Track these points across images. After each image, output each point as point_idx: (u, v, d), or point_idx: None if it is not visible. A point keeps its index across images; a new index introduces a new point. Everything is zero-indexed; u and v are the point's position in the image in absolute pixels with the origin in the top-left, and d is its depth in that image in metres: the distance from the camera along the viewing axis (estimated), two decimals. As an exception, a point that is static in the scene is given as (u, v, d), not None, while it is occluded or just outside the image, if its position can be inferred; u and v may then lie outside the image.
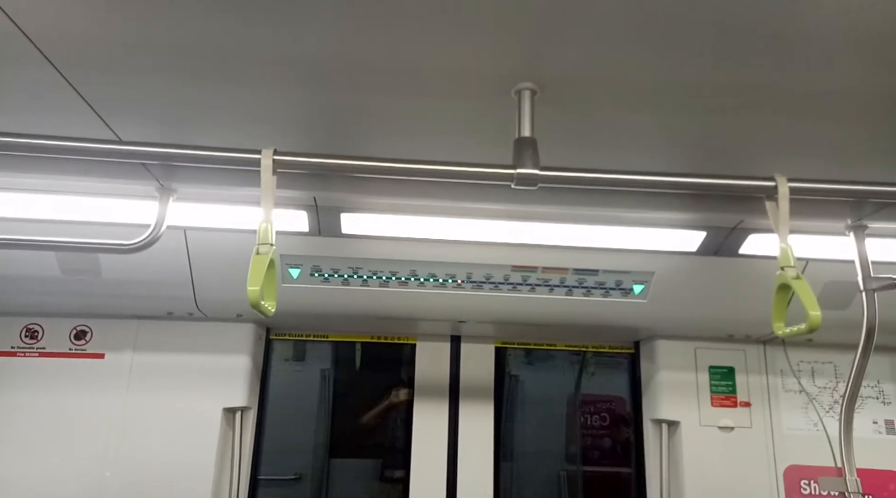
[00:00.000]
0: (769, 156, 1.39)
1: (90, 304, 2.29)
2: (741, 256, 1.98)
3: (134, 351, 2.37)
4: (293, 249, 1.98)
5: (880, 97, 1.15)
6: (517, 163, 1.17)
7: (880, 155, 1.38)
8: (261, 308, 1.12)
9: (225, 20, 0.98)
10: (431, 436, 2.53)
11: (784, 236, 1.22)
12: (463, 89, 1.16)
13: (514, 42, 1.02)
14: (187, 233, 1.91)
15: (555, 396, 2.92)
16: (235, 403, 2.38)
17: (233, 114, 1.28)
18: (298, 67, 1.10)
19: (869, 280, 1.56)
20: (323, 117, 1.29)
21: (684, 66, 1.07)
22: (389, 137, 1.36)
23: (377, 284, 2.09)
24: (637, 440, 2.65)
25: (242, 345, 2.42)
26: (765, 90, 1.13)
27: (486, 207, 1.75)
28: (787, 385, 2.51)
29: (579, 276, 2.08)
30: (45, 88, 1.18)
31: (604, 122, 1.27)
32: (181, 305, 2.24)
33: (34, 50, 1.05)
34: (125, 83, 1.17)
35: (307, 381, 2.85)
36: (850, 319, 1.70)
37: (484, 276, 2.07)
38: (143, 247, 1.53)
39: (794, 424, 2.46)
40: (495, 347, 2.68)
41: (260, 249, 1.13)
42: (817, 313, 1.12)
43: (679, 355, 2.51)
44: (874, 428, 2.46)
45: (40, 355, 2.35)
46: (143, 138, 1.34)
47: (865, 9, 0.91)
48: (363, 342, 2.79)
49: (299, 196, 1.70)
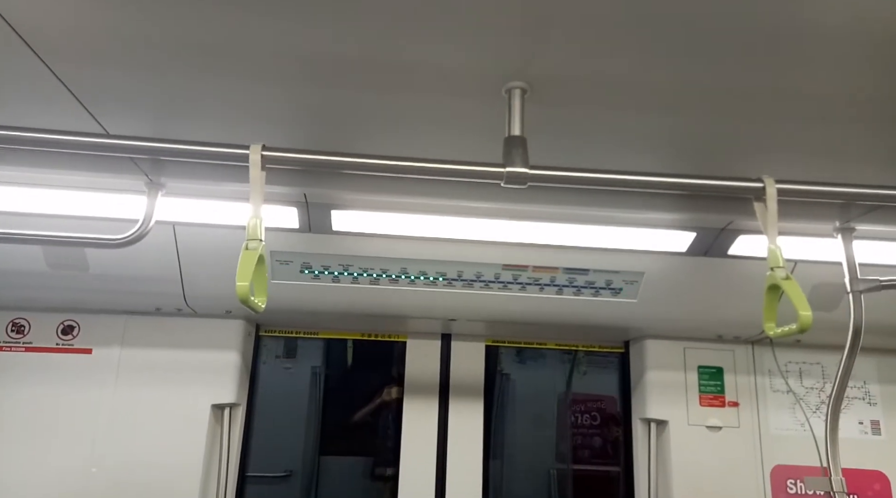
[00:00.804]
0: (759, 157, 1.40)
1: (78, 298, 2.27)
2: (730, 257, 1.99)
3: (122, 347, 2.35)
4: (283, 246, 1.98)
5: (870, 100, 1.15)
6: (507, 161, 1.17)
7: (870, 157, 1.39)
8: (250, 304, 1.11)
9: (215, 14, 0.97)
10: (421, 434, 2.53)
11: (773, 237, 1.23)
12: (454, 87, 1.16)
13: (505, 41, 1.02)
14: (176, 228, 1.90)
15: (545, 395, 2.93)
16: (224, 399, 2.37)
17: (222, 109, 1.27)
18: (289, 63, 1.10)
19: (856, 282, 1.57)
20: (313, 113, 1.28)
21: (674, 66, 1.07)
22: (380, 134, 1.35)
23: (367, 281, 2.09)
24: (626, 439, 2.66)
25: (232, 341, 2.41)
26: (754, 92, 1.14)
27: (477, 206, 1.75)
28: (775, 385, 2.53)
29: (570, 275, 2.09)
30: (32, 81, 1.17)
31: (594, 121, 1.27)
32: (170, 301, 2.23)
33: (20, 42, 1.04)
34: (113, 76, 1.16)
35: (297, 378, 2.85)
36: (837, 321, 1.71)
37: (474, 274, 2.07)
38: (132, 242, 1.52)
39: (782, 424, 2.48)
40: (486, 345, 2.68)
41: (249, 244, 1.13)
42: (808, 314, 1.13)
43: (668, 355, 2.52)
44: (860, 428, 2.49)
45: (27, 350, 2.33)
46: (131, 132, 1.33)
47: (856, 13, 0.92)
48: (353, 340, 2.79)
49: (290, 192, 1.70)
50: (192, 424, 2.31)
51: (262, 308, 1.17)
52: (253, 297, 1.12)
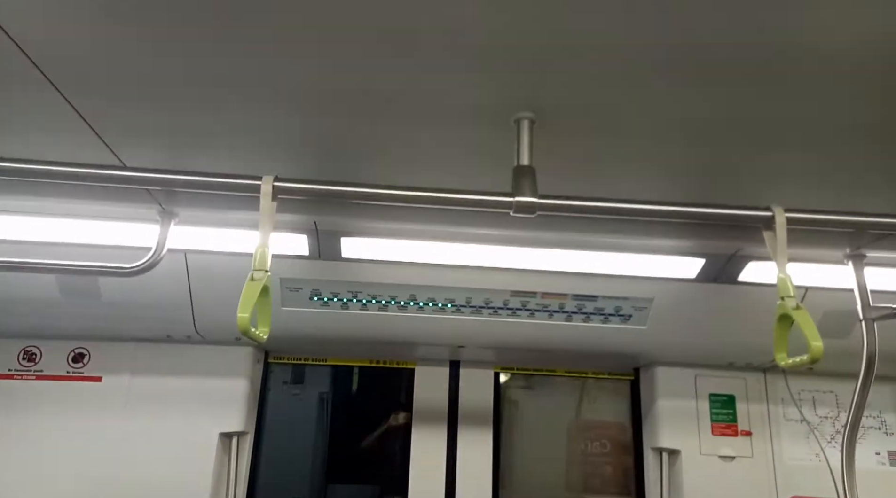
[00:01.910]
0: (768, 184, 1.40)
1: (89, 326, 2.28)
2: (740, 284, 1.97)
3: (131, 374, 2.35)
4: (293, 273, 1.98)
5: (878, 128, 1.16)
6: (516, 191, 1.17)
7: (879, 185, 1.39)
8: (250, 335, 1.11)
9: (227, 51, 1.00)
10: (430, 462, 2.50)
11: (783, 266, 1.22)
12: (463, 118, 1.17)
13: (512, 73, 1.04)
14: (188, 255, 1.91)
15: (555, 423, 2.89)
16: (232, 427, 2.35)
17: (235, 139, 1.29)
18: (300, 95, 1.12)
19: (868, 309, 1.55)
20: (325, 143, 1.30)
21: (680, 96, 1.08)
22: (390, 163, 1.37)
23: (376, 308, 2.09)
24: (637, 468, 2.62)
25: (240, 368, 2.40)
26: (761, 120, 1.15)
27: (485, 233, 1.75)
28: (788, 414, 2.49)
29: (578, 301, 2.08)
30: (50, 113, 1.19)
31: (602, 150, 1.29)
32: (180, 328, 2.24)
33: (39, 75, 1.07)
34: (130, 109, 1.19)
35: (305, 405, 2.83)
36: (850, 348, 1.69)
37: (483, 300, 2.07)
38: (144, 270, 1.53)
39: (796, 454, 2.43)
40: (494, 372, 2.66)
41: (255, 274, 1.13)
42: (819, 344, 1.12)
43: (679, 383, 2.49)
44: (877, 459, 2.43)
45: (38, 378, 2.34)
46: (145, 162, 1.35)
47: (863, 42, 0.93)
48: (362, 367, 2.78)
49: (300, 220, 1.71)
50: (200, 452, 2.29)
51: (264, 339, 1.17)
52: (254, 328, 1.12)
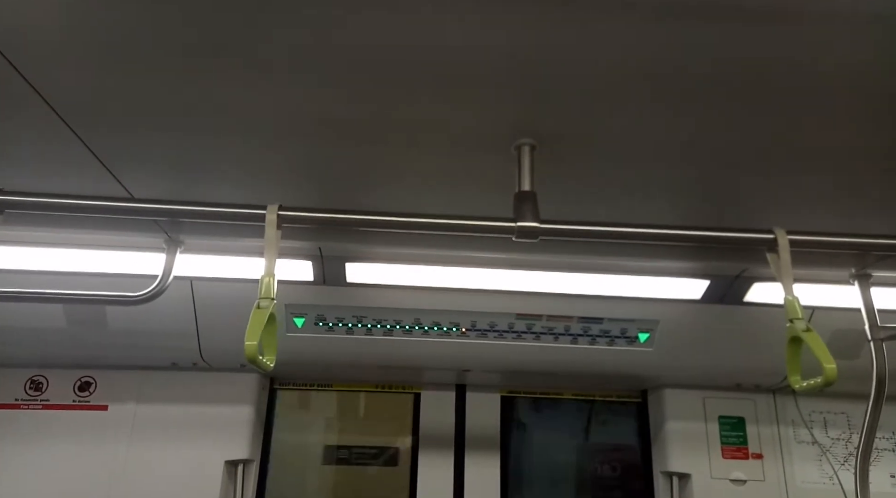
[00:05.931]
0: (772, 206, 1.40)
1: (95, 355, 2.28)
2: (746, 304, 1.97)
3: (137, 402, 2.35)
4: (298, 299, 1.99)
5: (881, 151, 1.16)
6: (518, 216, 1.18)
7: (884, 206, 1.39)
8: (258, 363, 1.11)
9: (231, 80, 1.01)
10: (437, 487, 2.47)
11: (789, 288, 1.21)
12: (464, 145, 1.18)
13: (513, 100, 1.05)
14: (193, 283, 1.92)
15: (563, 446, 2.85)
16: (238, 455, 2.34)
17: (240, 168, 1.31)
18: (304, 124, 1.13)
19: (876, 329, 1.54)
20: (328, 171, 1.32)
21: (680, 121, 1.09)
22: (393, 190, 1.38)
23: (381, 332, 2.09)
24: (647, 492, 2.58)
25: (246, 395, 2.40)
26: (763, 145, 1.15)
27: (489, 256, 1.76)
28: (800, 436, 2.45)
29: (584, 324, 2.07)
30: (56, 143, 1.21)
31: (603, 175, 1.29)
32: (186, 356, 2.24)
33: (45, 106, 1.09)
34: (135, 140, 1.20)
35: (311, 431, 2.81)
36: (861, 368, 1.67)
37: (488, 324, 2.07)
38: (151, 298, 1.54)
39: (809, 477, 2.39)
40: (501, 396, 2.64)
41: (261, 303, 1.13)
42: (832, 366, 1.10)
43: (687, 405, 2.46)
44: (892, 482, 2.39)
45: (44, 407, 2.34)
46: (151, 191, 1.37)
47: (864, 68, 0.93)
48: (367, 392, 2.76)
49: (305, 246, 1.72)
50: (206, 480, 2.28)
51: (270, 367, 1.17)
52: (261, 356, 1.12)
